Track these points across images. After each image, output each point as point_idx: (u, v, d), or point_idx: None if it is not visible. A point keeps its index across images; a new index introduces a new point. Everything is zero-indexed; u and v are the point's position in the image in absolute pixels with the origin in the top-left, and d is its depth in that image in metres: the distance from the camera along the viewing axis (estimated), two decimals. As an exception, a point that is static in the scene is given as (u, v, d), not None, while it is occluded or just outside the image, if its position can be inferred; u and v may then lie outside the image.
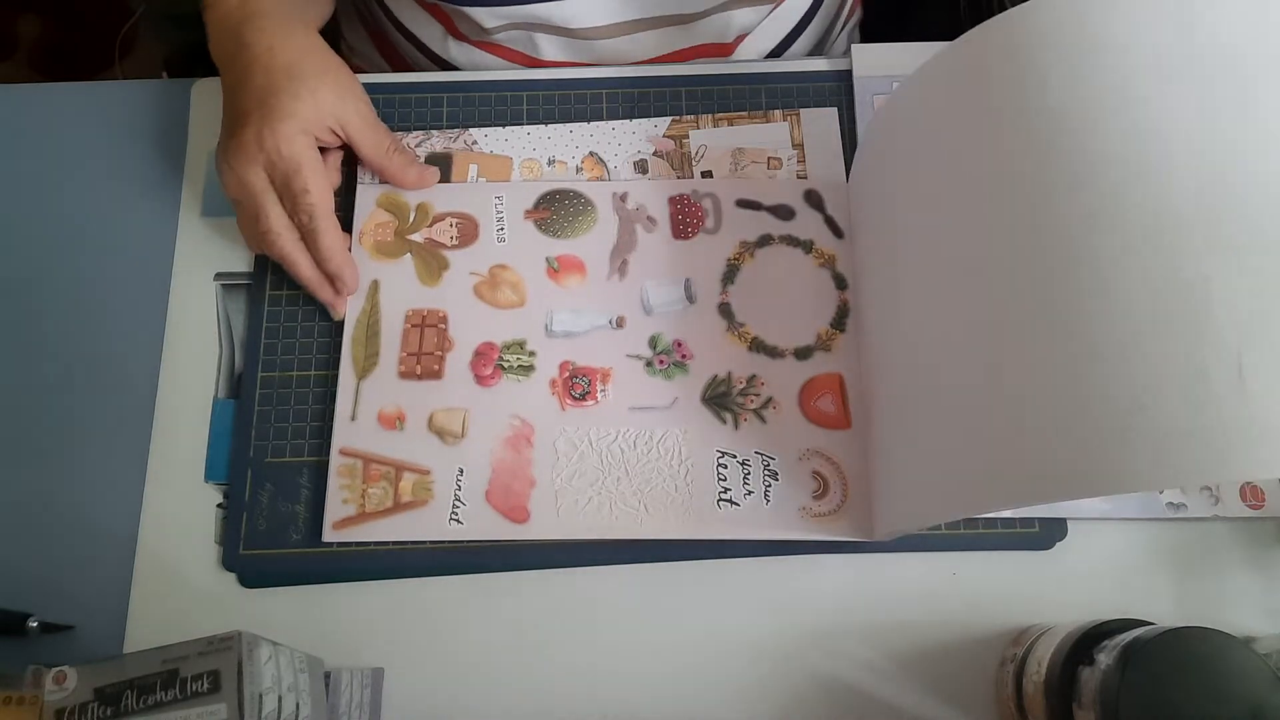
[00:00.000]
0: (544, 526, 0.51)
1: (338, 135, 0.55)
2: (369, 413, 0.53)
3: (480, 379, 0.54)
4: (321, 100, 0.53)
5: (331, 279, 0.54)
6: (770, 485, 0.52)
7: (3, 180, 0.60)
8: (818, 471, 0.52)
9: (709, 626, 0.51)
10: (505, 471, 0.52)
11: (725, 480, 0.52)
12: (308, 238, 0.53)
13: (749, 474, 0.52)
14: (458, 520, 0.51)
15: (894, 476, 0.49)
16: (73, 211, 0.59)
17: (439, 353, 0.54)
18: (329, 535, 0.51)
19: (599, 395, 0.54)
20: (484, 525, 0.51)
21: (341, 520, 0.51)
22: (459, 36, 0.64)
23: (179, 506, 0.53)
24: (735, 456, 0.52)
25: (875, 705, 0.50)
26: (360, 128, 0.55)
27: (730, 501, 0.52)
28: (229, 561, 0.52)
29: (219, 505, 0.53)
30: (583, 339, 0.55)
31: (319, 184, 0.52)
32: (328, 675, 0.49)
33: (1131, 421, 0.36)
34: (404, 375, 0.54)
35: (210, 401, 0.55)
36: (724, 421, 0.53)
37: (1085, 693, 0.42)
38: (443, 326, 0.55)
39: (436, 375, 0.54)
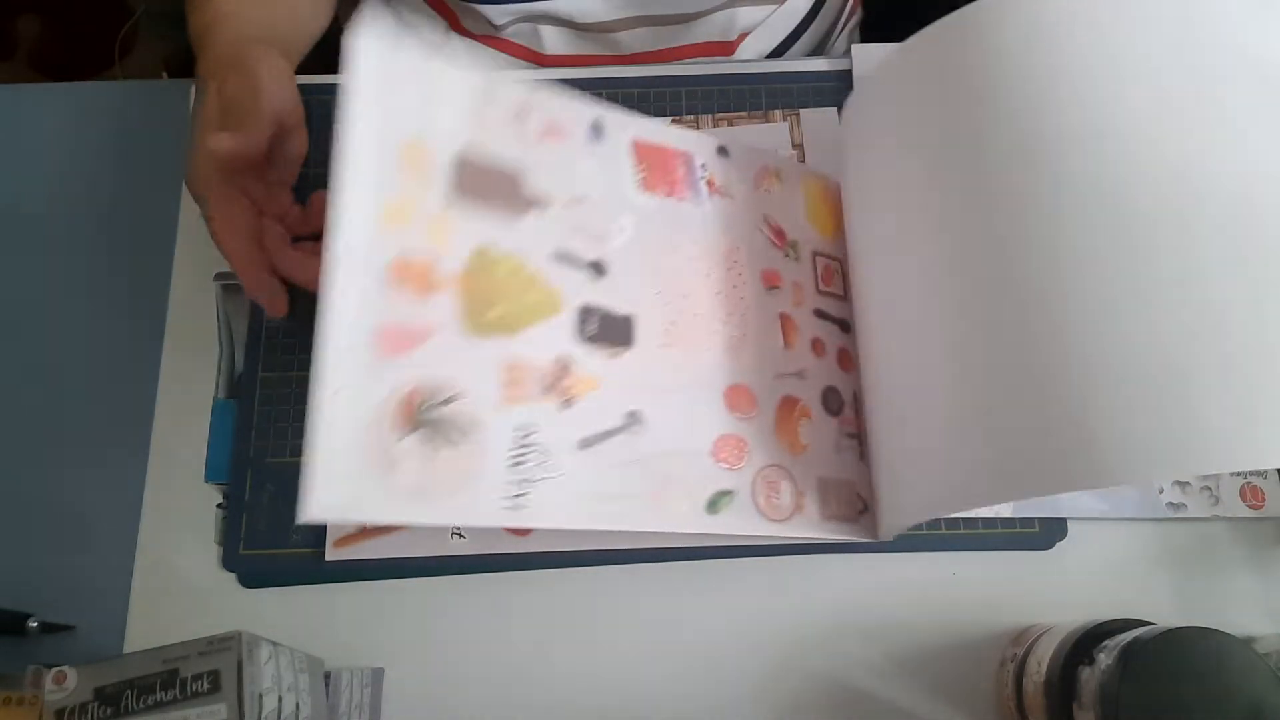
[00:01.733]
0: (546, 538, 0.51)
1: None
2: None
3: None
4: (212, 103, 0.49)
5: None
6: None
7: (2, 180, 0.60)
8: None
9: (709, 626, 0.51)
10: None
11: None
12: None
13: None
14: (459, 535, 0.51)
15: (890, 474, 0.49)
16: (73, 211, 0.59)
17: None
18: (331, 554, 0.51)
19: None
20: (486, 539, 0.51)
21: (343, 538, 0.51)
22: (463, 32, 0.64)
23: (179, 506, 0.53)
24: None
25: (875, 705, 0.50)
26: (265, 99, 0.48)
27: None
28: (229, 561, 0.52)
29: (219, 505, 0.53)
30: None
31: (221, 211, 0.49)
32: (328, 675, 0.49)
33: (1107, 417, 0.36)
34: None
35: (210, 401, 0.55)
36: None
37: (1085, 693, 0.42)
38: None
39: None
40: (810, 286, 0.52)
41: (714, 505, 0.46)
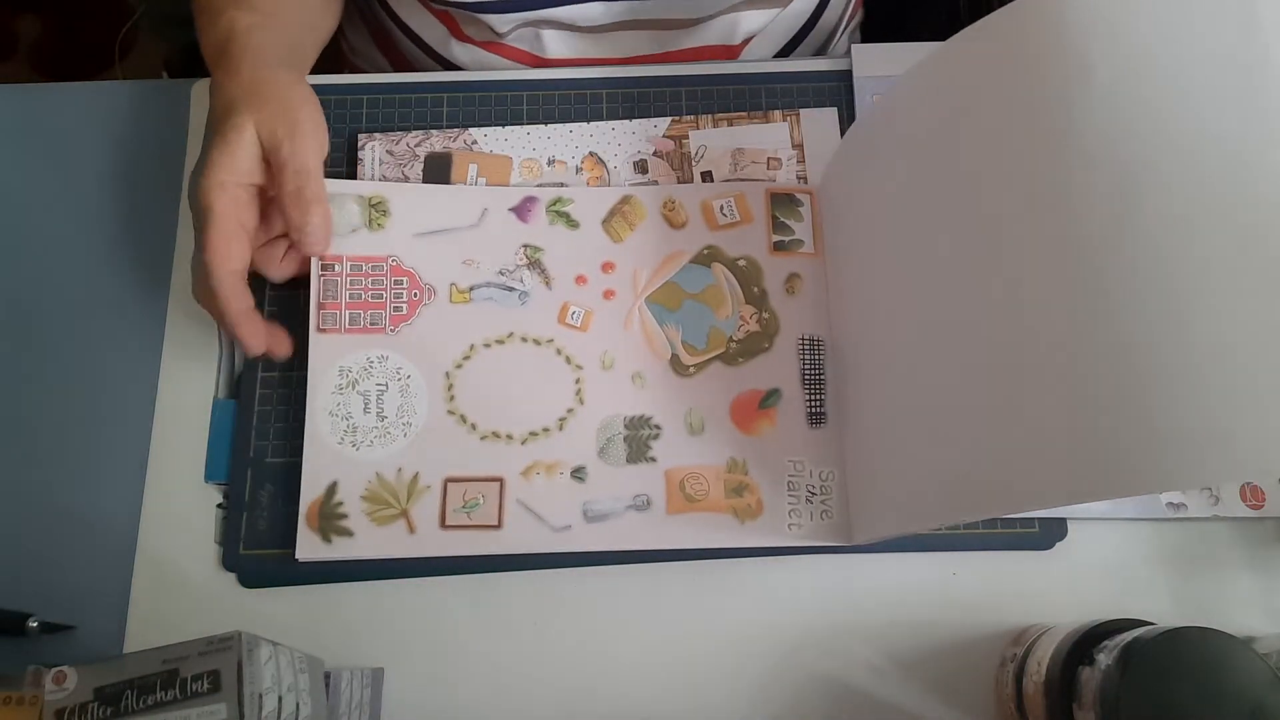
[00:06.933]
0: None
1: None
2: None
3: None
4: (247, 138, 0.49)
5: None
6: None
7: (2, 180, 0.60)
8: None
9: (709, 626, 0.51)
10: None
11: None
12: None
13: None
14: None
15: (873, 483, 0.49)
16: (73, 211, 0.59)
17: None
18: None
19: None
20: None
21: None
22: (464, 39, 0.64)
23: (179, 506, 0.53)
24: None
25: (875, 705, 0.50)
26: (286, 160, 0.49)
27: None
28: (229, 561, 0.52)
29: (219, 505, 0.53)
30: None
31: (215, 239, 0.48)
32: (328, 675, 0.49)
33: (1156, 425, 0.34)
34: None
35: (210, 401, 0.55)
36: None
37: (1085, 693, 0.42)
38: None
39: None
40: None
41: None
